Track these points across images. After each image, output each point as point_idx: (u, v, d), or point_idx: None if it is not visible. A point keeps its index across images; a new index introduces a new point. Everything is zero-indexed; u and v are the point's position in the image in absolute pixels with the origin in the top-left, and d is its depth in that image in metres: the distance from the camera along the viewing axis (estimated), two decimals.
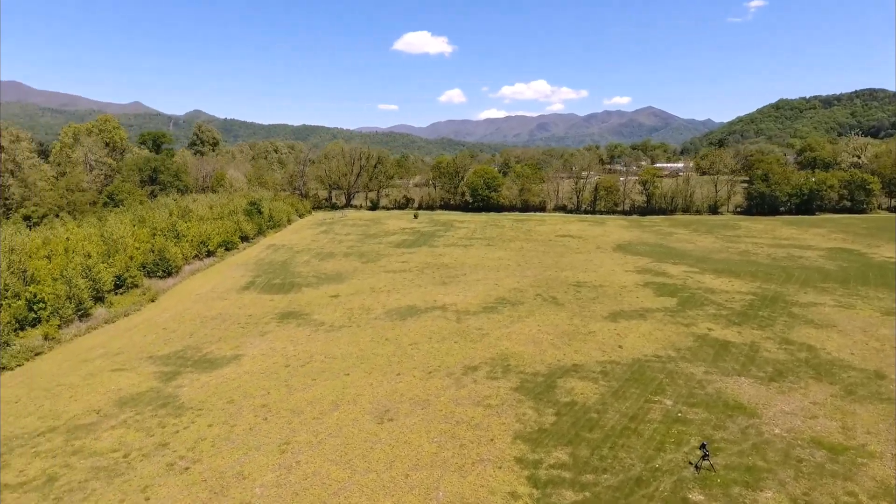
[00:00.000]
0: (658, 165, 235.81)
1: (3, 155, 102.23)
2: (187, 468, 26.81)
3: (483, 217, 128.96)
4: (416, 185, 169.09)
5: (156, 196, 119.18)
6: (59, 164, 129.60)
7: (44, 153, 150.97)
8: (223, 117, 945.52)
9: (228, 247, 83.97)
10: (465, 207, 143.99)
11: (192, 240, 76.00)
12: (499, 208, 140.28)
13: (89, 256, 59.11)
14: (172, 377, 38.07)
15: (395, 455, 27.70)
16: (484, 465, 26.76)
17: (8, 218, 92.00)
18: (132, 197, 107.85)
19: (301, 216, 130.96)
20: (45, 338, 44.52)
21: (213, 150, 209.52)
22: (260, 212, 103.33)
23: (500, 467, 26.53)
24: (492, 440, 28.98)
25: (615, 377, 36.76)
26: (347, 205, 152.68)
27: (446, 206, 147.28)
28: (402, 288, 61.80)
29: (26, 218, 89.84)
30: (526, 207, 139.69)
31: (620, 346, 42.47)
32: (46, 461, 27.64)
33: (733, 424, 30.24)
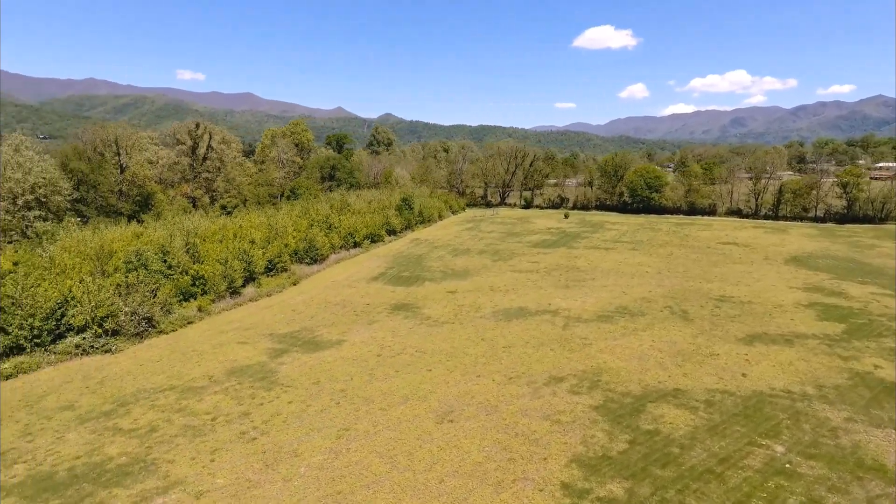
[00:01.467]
0: (881, 165, 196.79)
1: (213, 154, 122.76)
2: (255, 439, 29.21)
3: (640, 219, 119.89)
4: (578, 185, 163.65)
5: (331, 191, 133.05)
6: (260, 163, 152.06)
7: (252, 152, 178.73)
8: (409, 119, 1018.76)
9: (374, 239, 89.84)
10: (622, 208, 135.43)
11: (340, 231, 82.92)
12: (661, 210, 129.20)
13: (253, 242, 67.85)
14: (280, 354, 41.89)
15: (438, 458, 26.99)
16: (524, 484, 24.75)
17: (212, 207, 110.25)
18: (309, 192, 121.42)
19: (454, 212, 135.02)
20: (199, 309, 52.16)
21: (387, 150, 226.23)
22: (410, 207, 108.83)
23: (541, 490, 24.30)
24: (545, 459, 26.67)
25: (721, 409, 31.35)
26: (501, 203, 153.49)
27: (602, 207, 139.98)
28: (521, 288, 60.14)
29: (223, 207, 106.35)
30: (693, 210, 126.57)
31: (744, 375, 36.13)
32: (156, 414, 32.32)
33: (859, 489, 23.77)
